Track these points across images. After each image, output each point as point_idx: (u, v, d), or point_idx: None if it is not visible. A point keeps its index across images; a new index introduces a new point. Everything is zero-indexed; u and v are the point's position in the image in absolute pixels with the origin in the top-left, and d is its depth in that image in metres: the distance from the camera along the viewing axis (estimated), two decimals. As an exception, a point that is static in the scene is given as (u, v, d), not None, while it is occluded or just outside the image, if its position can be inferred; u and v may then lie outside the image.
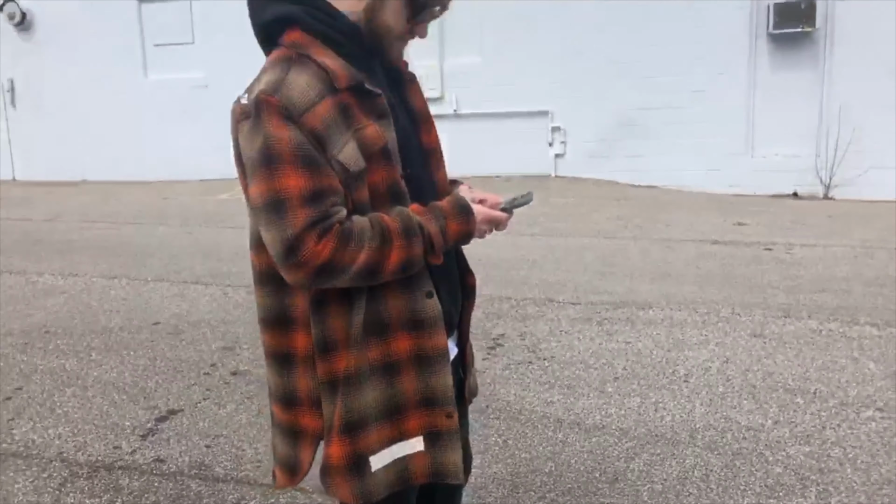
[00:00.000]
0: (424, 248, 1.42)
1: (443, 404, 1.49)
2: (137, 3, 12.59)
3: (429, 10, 1.47)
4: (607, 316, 4.66)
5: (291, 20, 1.42)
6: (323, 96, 1.36)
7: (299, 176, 1.34)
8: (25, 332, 4.62)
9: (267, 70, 1.40)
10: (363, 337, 1.43)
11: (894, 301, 4.87)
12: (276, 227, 1.35)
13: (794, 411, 3.27)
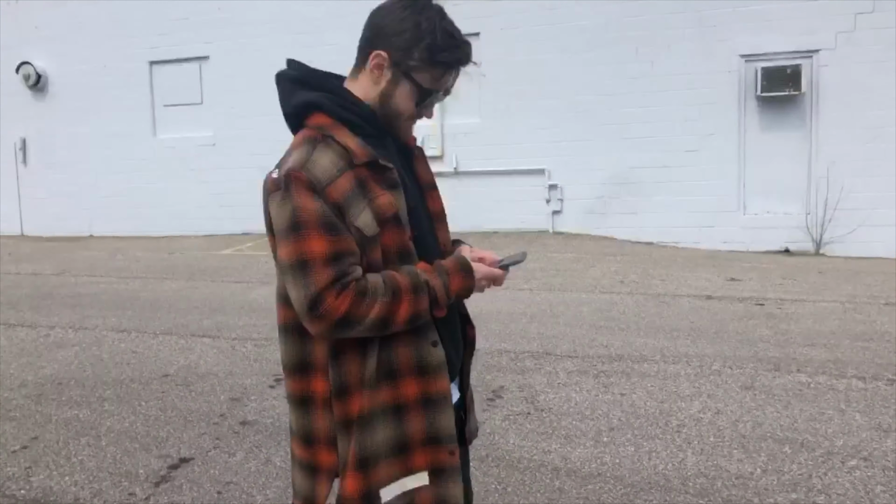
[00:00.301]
0: (430, 302, 1.61)
1: (446, 442, 1.66)
2: (149, 65, 13.05)
3: (434, 96, 1.69)
4: (603, 369, 4.82)
5: (317, 106, 1.64)
6: (343, 171, 1.57)
7: (322, 240, 1.54)
8: (39, 383, 4.77)
9: (295, 149, 1.62)
10: (375, 381, 1.61)
11: (880, 355, 5.03)
12: (301, 284, 1.55)
13: (781, 460, 3.41)
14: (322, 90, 1.67)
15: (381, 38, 1.64)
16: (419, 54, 1.62)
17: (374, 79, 1.66)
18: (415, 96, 1.67)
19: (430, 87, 1.67)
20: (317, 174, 1.56)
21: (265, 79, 10.91)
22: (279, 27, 12.07)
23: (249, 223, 12.48)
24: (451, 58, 1.65)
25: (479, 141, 11.45)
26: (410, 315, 1.59)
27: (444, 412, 1.66)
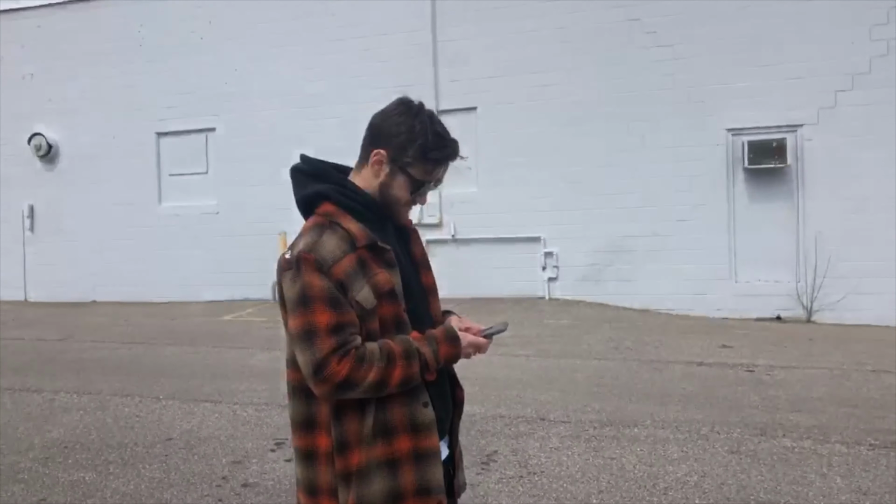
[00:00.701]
0: (421, 367, 1.81)
1: (436, 493, 1.84)
2: (156, 136, 13.50)
3: (426, 186, 1.94)
4: (595, 434, 4.96)
5: (325, 196, 1.89)
6: (346, 253, 1.81)
7: (326, 314, 1.76)
8: (46, 446, 4.90)
9: (306, 233, 1.85)
10: (372, 438, 1.80)
11: (865, 420, 5.18)
12: (307, 351, 1.76)
13: (763, 522, 3.54)
14: (329, 182, 1.92)
15: (380, 138, 1.90)
16: (413, 152, 1.88)
17: (375, 172, 1.91)
18: (409, 187, 1.93)
19: (422, 179, 1.93)
20: (324, 256, 1.79)
21: (269, 150, 11.61)
22: (284, 101, 12.55)
23: (250, 290, 12.72)
24: (440, 155, 1.91)
25: (476, 209, 11.77)
26: (403, 379, 1.79)
27: (434, 466, 1.84)
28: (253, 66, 12.77)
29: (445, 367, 1.96)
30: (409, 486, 1.82)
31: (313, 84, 12.39)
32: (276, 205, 12.31)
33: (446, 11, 11.80)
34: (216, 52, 12.99)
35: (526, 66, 11.43)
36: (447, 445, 2.01)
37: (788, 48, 10.33)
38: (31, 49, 14.12)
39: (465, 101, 11.76)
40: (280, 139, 12.39)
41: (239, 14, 12.87)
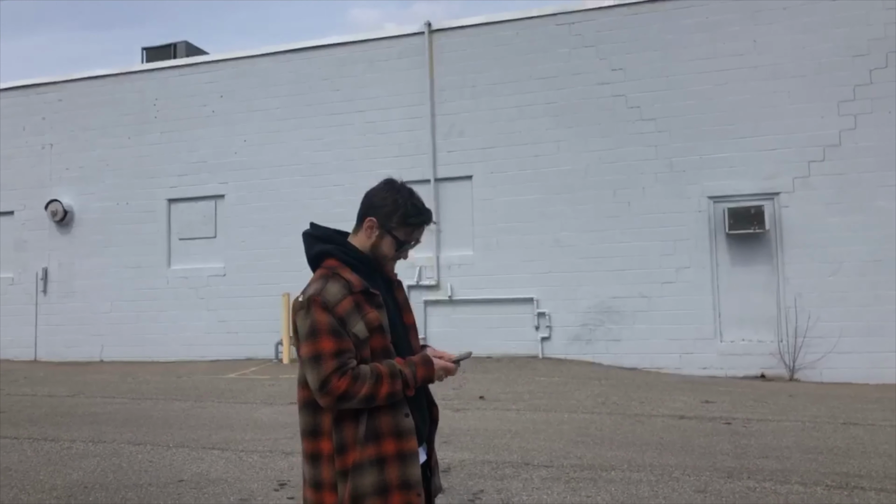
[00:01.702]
0: (403, 385, 2.31)
1: (415, 487, 2.31)
2: (167, 202, 14.16)
3: (407, 246, 2.49)
4: (574, 476, 5.36)
5: (329, 254, 2.45)
6: (345, 296, 2.34)
7: (330, 342, 2.28)
8: (67, 487, 5.31)
9: (315, 281, 2.40)
10: (364, 441, 2.29)
11: (826, 465, 5.58)
12: (315, 370, 2.27)
13: (717, 547, 3.94)
14: (333, 243, 2.48)
15: (371, 209, 2.47)
16: (396, 219, 2.45)
17: (368, 235, 2.47)
18: (395, 246, 2.48)
19: (404, 239, 2.49)
20: (328, 298, 2.32)
21: (275, 216, 12.48)
22: (289, 170, 13.27)
23: (254, 349, 13.16)
24: (417, 221, 2.47)
25: (472, 272, 12.33)
26: (389, 393, 2.30)
27: (414, 465, 2.32)
28: (261, 138, 13.54)
29: (423, 387, 2.45)
30: (394, 480, 2.29)
31: (318, 154, 13.13)
32: (281, 267, 12.92)
33: (444, 87, 12.62)
34: (226, 124, 13.79)
35: (518, 138, 12.17)
36: (425, 452, 2.48)
37: (764, 122, 11.06)
38: (52, 121, 14.96)
39: (461, 170, 12.45)
40: (285, 206, 13.06)
41: (248, 89, 13.72)
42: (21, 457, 6.27)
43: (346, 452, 2.30)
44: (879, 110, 10.63)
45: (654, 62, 11.60)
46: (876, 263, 10.53)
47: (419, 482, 2.33)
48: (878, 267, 10.51)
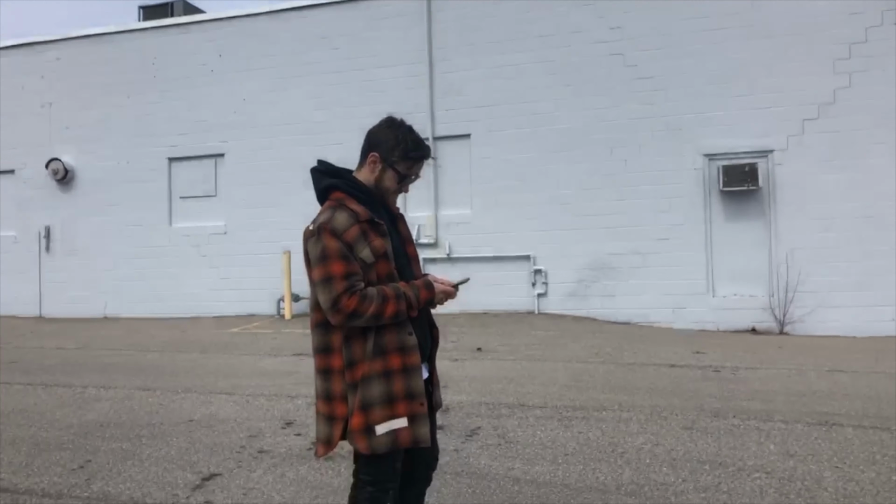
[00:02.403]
0: (406, 305, 2.51)
1: (419, 397, 2.52)
2: (168, 161, 14.26)
3: (408, 179, 2.66)
4: (567, 415, 5.61)
5: (336, 187, 2.63)
6: (352, 224, 2.52)
7: (340, 265, 2.47)
8: (83, 426, 5.55)
9: (323, 212, 2.58)
10: (372, 356, 2.50)
11: (808, 406, 5.83)
12: (326, 291, 2.46)
13: (699, 474, 4.19)
14: (339, 178, 2.65)
15: (374, 145, 2.65)
16: (398, 154, 2.63)
17: (371, 170, 2.65)
18: (396, 179, 2.66)
19: (405, 173, 2.67)
20: (336, 226, 2.51)
21: (274, 174, 12.66)
22: (289, 129, 13.35)
23: (256, 305, 13.40)
24: (417, 155, 2.65)
25: (470, 230, 12.50)
26: (394, 313, 2.49)
27: (417, 377, 2.53)
28: (260, 97, 13.59)
29: (424, 309, 2.65)
30: (399, 391, 2.51)
31: (317, 113, 13.20)
32: (281, 225, 13.09)
33: (442, 46, 12.65)
34: (226, 83, 13.82)
35: (517, 97, 12.25)
36: (427, 369, 2.69)
37: (759, 80, 11.14)
38: (50, 80, 14.97)
39: (459, 129, 12.55)
40: (285, 164, 13.17)
41: (247, 48, 13.73)
42: (36, 400, 6.52)
43: (355, 367, 2.50)
44: (874, 68, 10.72)
45: (651, 21, 11.63)
46: (867, 220, 10.71)
47: (423, 393, 2.55)
48: (870, 224, 10.70)
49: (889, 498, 3.76)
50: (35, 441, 5.15)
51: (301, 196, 13.08)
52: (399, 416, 2.49)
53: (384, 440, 2.48)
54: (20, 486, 4.20)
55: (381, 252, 2.55)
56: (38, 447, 4.99)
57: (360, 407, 2.48)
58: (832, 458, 4.46)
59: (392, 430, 2.49)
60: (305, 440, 5.03)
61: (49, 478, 4.34)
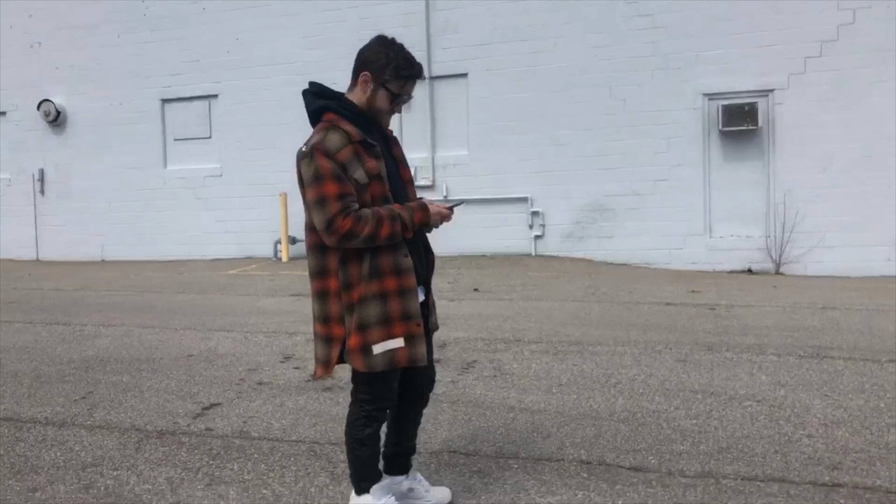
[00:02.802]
0: (401, 227, 2.51)
1: (415, 318, 2.54)
2: (161, 103, 14.08)
3: (401, 99, 2.62)
4: (562, 349, 5.68)
5: (328, 109, 2.59)
6: (345, 145, 2.50)
7: (333, 185, 2.45)
8: (84, 360, 5.61)
9: (316, 133, 2.55)
10: (368, 278, 2.50)
11: (800, 340, 5.90)
12: (321, 212, 2.45)
13: (691, 402, 4.26)
14: (331, 98, 2.60)
15: (365, 64, 2.59)
16: (389, 72, 2.58)
17: (363, 90, 2.61)
18: (389, 99, 2.61)
19: (397, 92, 2.63)
20: (329, 147, 2.48)
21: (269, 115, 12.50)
22: (283, 68, 13.13)
23: (253, 248, 13.41)
24: (409, 73, 2.60)
25: (467, 172, 12.43)
26: (389, 234, 2.49)
27: (412, 299, 2.55)
28: (253, 36, 13.33)
29: (420, 232, 2.65)
30: (395, 312, 2.53)
31: (311, 52, 12.97)
32: (277, 167, 12.99)
33: (438, -19, 12.36)
34: (218, 21, 13.54)
35: (515, 35, 12.02)
36: (423, 292, 2.71)
37: (760, 17, 10.94)
38: (38, 18, 14.65)
39: (456, 68, 12.36)
40: (280, 105, 12.99)
41: (240, -16, 13.39)
42: (36, 337, 6.57)
43: (351, 289, 2.51)
44: (878, 4, 10.51)
45: (653, -45, 11.36)
46: (866, 160, 10.66)
47: (418, 314, 2.56)
48: (869, 163, 10.65)
49: (875, 423, 3.84)
50: (37, 374, 5.21)
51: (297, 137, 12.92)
52: (396, 337, 2.52)
53: (381, 359, 2.51)
54: (24, 416, 4.26)
55: (375, 173, 2.53)
56: (39, 380, 5.05)
57: (357, 327, 2.50)
58: (822, 387, 4.53)
59: (389, 350, 2.51)
60: (304, 373, 5.09)
61: (52, 408, 4.41)
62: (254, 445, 3.69)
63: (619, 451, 3.49)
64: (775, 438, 3.65)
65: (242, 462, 3.46)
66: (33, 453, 3.65)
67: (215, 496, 3.08)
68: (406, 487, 2.82)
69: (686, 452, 3.47)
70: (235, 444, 3.70)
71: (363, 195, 2.51)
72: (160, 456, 3.57)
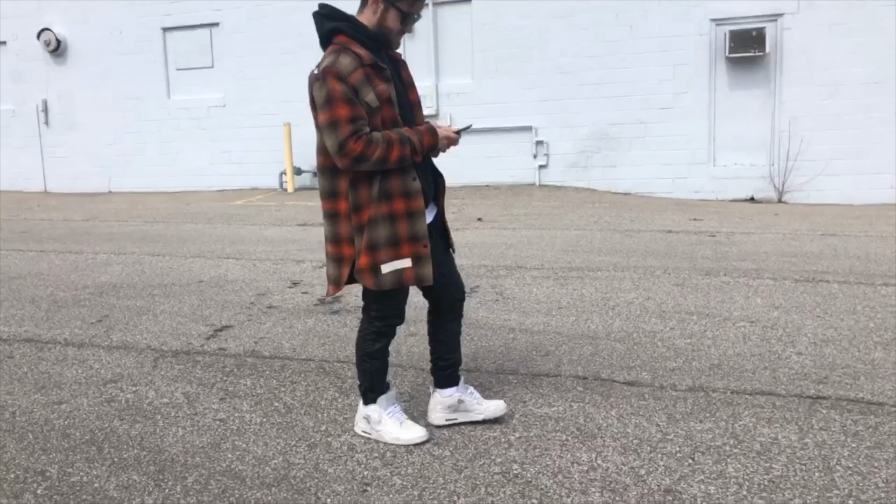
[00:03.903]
0: (411, 150, 2.58)
1: (422, 240, 2.65)
2: (162, 31, 13.90)
3: (411, 18, 2.66)
4: (563, 275, 5.81)
5: (339, 31, 2.63)
6: (356, 68, 2.55)
7: (345, 108, 2.52)
8: (98, 286, 5.78)
9: (328, 56, 2.60)
10: (378, 200, 2.60)
11: (797, 265, 6.02)
12: (333, 135, 2.53)
13: (687, 323, 4.41)
14: (343, 20, 2.64)
15: None
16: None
17: (373, 10, 2.64)
18: (399, 18, 2.65)
19: (408, 11, 2.66)
20: (341, 69, 2.54)
21: (271, 44, 12.39)
22: (285, -6, 12.90)
23: (258, 179, 13.46)
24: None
25: (471, 101, 12.35)
26: (399, 157, 2.58)
27: (420, 221, 2.65)
28: (253, -40, 13.05)
29: (428, 156, 2.73)
30: (403, 233, 2.63)
31: (313, -23, 12.71)
32: (280, 97, 12.93)
33: None
34: (217, -55, 13.23)
35: (520, -42, 11.75)
36: (432, 213, 2.81)
37: (773, -63, 10.65)
38: (34, -57, 14.33)
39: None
40: (281, 34, 12.83)
41: None
42: (50, 265, 6.73)
43: (361, 210, 2.62)
44: (895, -77, 10.21)
45: None
46: (873, 86, 10.56)
47: (426, 236, 2.67)
48: (876, 89, 10.55)
49: (863, 342, 3.98)
50: (53, 299, 5.38)
51: (299, 66, 12.83)
52: (403, 257, 2.63)
53: (389, 278, 2.63)
54: (44, 337, 4.44)
55: (386, 97, 2.59)
56: (56, 304, 5.23)
57: (366, 247, 2.61)
58: (815, 308, 4.67)
59: (397, 270, 2.63)
60: (312, 297, 5.25)
61: (70, 330, 4.58)
62: (265, 363, 3.86)
63: (614, 368, 3.65)
64: (765, 356, 3.80)
65: (255, 378, 3.64)
66: (55, 371, 3.83)
67: (230, 408, 3.26)
68: (456, 399, 2.96)
69: (679, 369, 3.62)
70: (248, 363, 3.87)
71: (374, 118, 2.57)
72: (176, 373, 3.74)
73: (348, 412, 3.18)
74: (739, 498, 2.38)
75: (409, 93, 2.78)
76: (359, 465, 2.68)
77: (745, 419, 2.99)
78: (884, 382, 3.37)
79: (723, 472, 2.56)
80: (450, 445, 2.83)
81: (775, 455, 2.67)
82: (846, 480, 2.48)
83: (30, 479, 2.64)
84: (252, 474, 2.63)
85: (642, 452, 2.72)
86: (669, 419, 3.01)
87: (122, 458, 2.79)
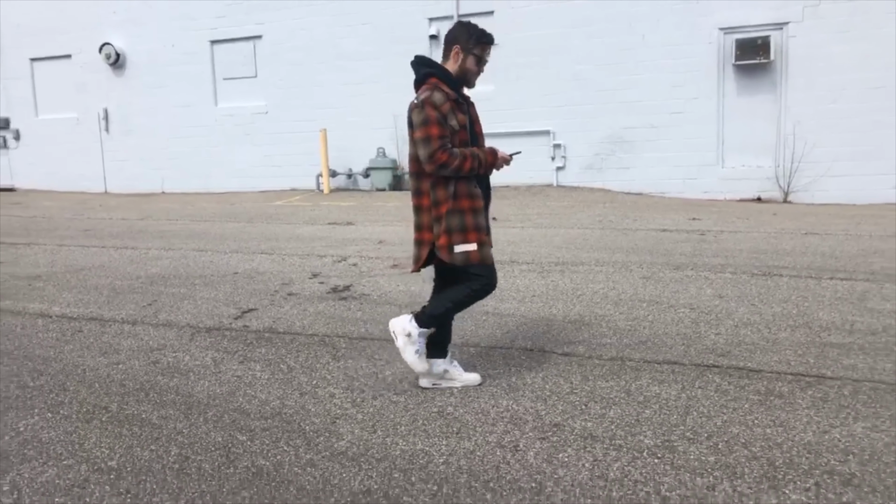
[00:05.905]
0: (478, 164, 3.51)
1: (484, 230, 3.57)
2: (210, 44, 15.06)
3: (483, 60, 3.62)
4: (547, 269, 6.60)
5: (433, 74, 3.58)
6: (445, 101, 3.50)
7: (437, 128, 3.46)
8: (149, 277, 6.80)
9: (425, 90, 3.53)
10: (452, 198, 3.51)
11: (763, 261, 6.68)
12: (426, 146, 3.46)
13: (635, 309, 5.17)
14: (434, 68, 3.61)
15: (455, 40, 3.59)
16: (473, 41, 3.58)
17: (455, 59, 3.61)
18: (475, 62, 3.62)
19: (480, 55, 3.62)
20: (435, 101, 3.48)
21: (310, 55, 13.77)
22: (320, 9, 13.91)
23: (297, 181, 14.52)
24: (487, 39, 3.62)
25: (492, 106, 13.10)
26: (470, 168, 3.51)
27: (481, 216, 3.58)
28: (292, -22, 14.08)
29: (487, 171, 3.63)
30: (470, 224, 3.54)
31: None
32: (317, 105, 13.96)
33: (465, -78, 12.82)
34: (259, -35, 14.31)
35: (539, -28, 12.50)
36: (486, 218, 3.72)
37: (778, -50, 11.18)
38: (95, -35, 15.64)
39: (483, 6, 12.95)
40: (317, 46, 13.85)
41: (278, -72, 14.08)
42: (109, 259, 7.81)
43: (440, 205, 3.55)
44: (895, -65, 10.64)
45: None
46: (877, 91, 11.01)
47: (485, 228, 3.61)
48: (879, 94, 11.00)
49: (778, 325, 4.69)
50: (112, 287, 6.41)
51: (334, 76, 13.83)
52: (470, 242, 3.54)
53: (459, 257, 3.54)
54: (105, 316, 5.44)
55: (462, 124, 3.56)
56: (115, 291, 6.25)
57: (444, 231, 3.53)
58: (753, 298, 5.37)
59: (465, 251, 3.53)
60: (326, 286, 6.15)
61: (126, 311, 5.58)
62: (278, 337, 4.77)
63: (557, 343, 4.45)
64: (688, 335, 4.55)
65: (268, 348, 4.55)
66: (115, 341, 4.81)
67: (246, 369, 4.18)
68: (442, 369, 3.80)
69: (610, 344, 4.41)
70: (265, 337, 4.79)
71: (453, 139, 3.51)
72: (207, 344, 4.68)
73: (337, 372, 4.06)
74: (609, 432, 3.18)
75: (475, 126, 3.71)
76: (335, 407, 3.56)
77: (642, 380, 3.77)
78: (773, 355, 4.10)
79: (605, 414, 3.36)
80: (406, 394, 3.69)
81: (651, 405, 3.45)
82: (694, 421, 3.25)
83: (97, 411, 3.60)
84: (255, 411, 3.53)
85: (549, 401, 3.53)
86: (582, 379, 3.81)
87: (162, 399, 3.73)
